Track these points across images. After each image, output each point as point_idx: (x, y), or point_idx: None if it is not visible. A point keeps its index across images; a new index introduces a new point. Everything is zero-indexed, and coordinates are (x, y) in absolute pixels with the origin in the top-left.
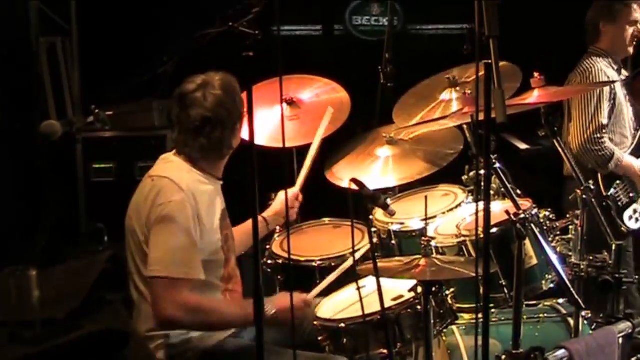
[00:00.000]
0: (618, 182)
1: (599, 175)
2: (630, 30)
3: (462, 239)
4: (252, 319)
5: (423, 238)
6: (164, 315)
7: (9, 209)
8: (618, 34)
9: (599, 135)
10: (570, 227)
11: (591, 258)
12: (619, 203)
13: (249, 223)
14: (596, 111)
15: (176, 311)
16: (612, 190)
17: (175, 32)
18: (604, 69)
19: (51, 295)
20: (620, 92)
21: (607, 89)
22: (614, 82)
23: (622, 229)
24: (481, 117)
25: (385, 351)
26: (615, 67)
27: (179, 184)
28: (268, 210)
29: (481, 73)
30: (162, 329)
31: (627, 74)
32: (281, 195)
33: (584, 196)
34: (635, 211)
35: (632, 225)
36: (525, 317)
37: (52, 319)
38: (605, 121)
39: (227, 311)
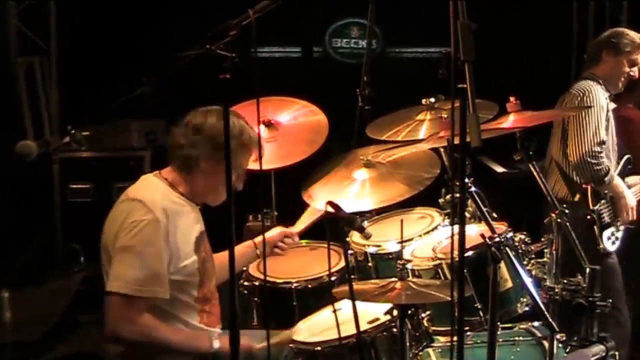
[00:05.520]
0: (603, 201)
1: (589, 190)
2: (627, 68)
3: (438, 262)
4: (195, 352)
5: (399, 261)
6: (113, 331)
7: None
8: (616, 67)
9: (598, 149)
10: (545, 250)
11: (565, 281)
12: (602, 220)
13: (237, 248)
14: (597, 127)
15: (127, 331)
16: (597, 206)
17: (155, 51)
18: (598, 93)
19: (24, 317)
20: (611, 121)
21: (604, 110)
22: (589, 107)
23: (600, 247)
24: (456, 140)
25: None
26: (607, 95)
27: (153, 201)
28: (260, 236)
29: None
30: (109, 342)
31: (614, 106)
32: (278, 228)
33: (559, 220)
34: (612, 234)
35: (609, 246)
36: (500, 339)
37: (24, 341)
38: (605, 137)
39: (173, 339)
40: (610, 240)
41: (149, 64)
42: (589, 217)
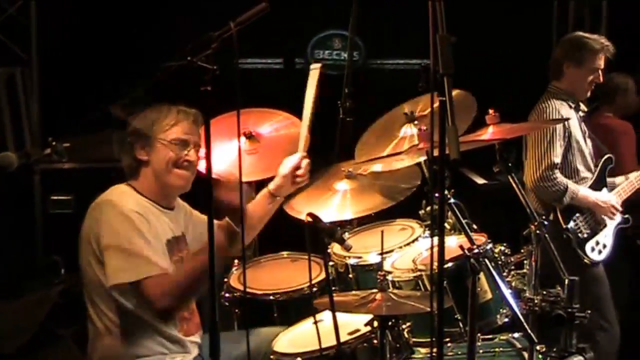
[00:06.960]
0: (578, 214)
1: (557, 209)
2: (590, 77)
3: (419, 273)
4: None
5: (379, 272)
6: (159, 311)
7: None
8: (580, 78)
9: (550, 172)
10: (525, 261)
11: (545, 292)
12: (580, 235)
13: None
14: (548, 150)
15: (164, 302)
16: (571, 223)
17: (138, 62)
18: (558, 107)
19: (2, 329)
20: (578, 130)
21: (560, 128)
22: (566, 119)
23: (585, 260)
24: (436, 153)
25: None
26: (573, 105)
27: (122, 201)
28: (274, 180)
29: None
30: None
31: (586, 110)
32: (288, 160)
33: (538, 231)
34: (597, 242)
35: (595, 256)
36: (480, 350)
37: (2, 354)
38: (557, 160)
39: (187, 271)
40: (596, 251)
41: (132, 75)
42: (564, 236)
